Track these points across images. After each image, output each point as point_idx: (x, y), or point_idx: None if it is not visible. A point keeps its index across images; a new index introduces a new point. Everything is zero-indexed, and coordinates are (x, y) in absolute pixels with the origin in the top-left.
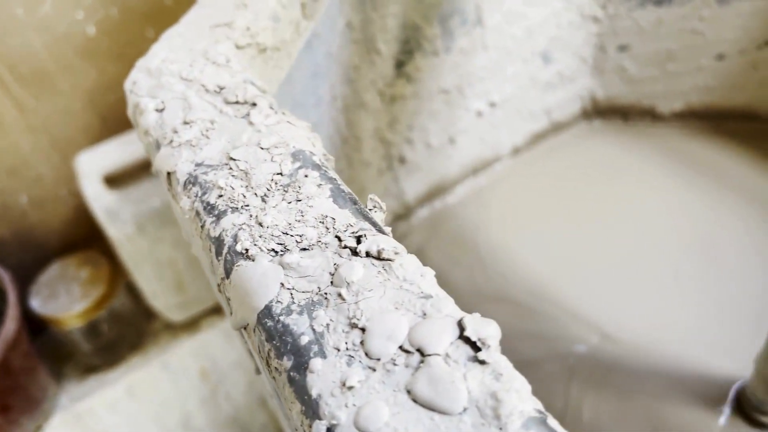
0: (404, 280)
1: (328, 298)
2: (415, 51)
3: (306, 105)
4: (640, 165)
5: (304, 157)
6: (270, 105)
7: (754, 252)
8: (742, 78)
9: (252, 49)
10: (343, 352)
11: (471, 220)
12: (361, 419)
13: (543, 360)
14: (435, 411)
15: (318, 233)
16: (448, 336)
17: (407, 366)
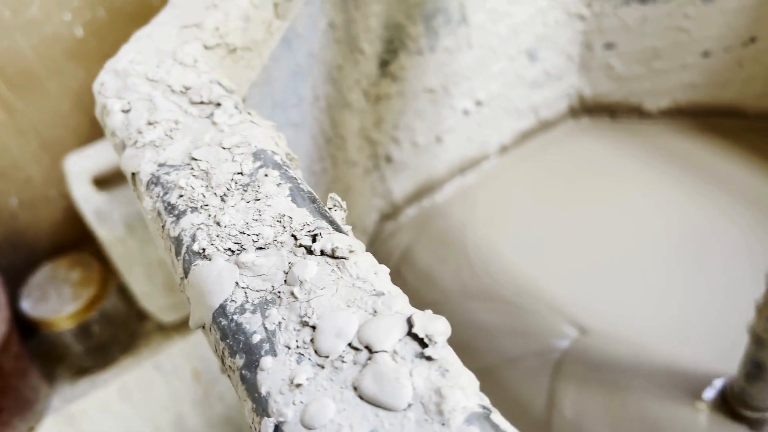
0: (357, 278)
1: (281, 296)
2: (399, 50)
3: (286, 105)
4: (628, 162)
5: (265, 157)
6: (235, 105)
7: (739, 247)
8: (728, 75)
9: (221, 50)
10: (293, 350)
11: (458, 219)
12: (308, 416)
13: (528, 356)
14: (380, 407)
15: (275, 232)
16: (397, 333)
17: (355, 363)
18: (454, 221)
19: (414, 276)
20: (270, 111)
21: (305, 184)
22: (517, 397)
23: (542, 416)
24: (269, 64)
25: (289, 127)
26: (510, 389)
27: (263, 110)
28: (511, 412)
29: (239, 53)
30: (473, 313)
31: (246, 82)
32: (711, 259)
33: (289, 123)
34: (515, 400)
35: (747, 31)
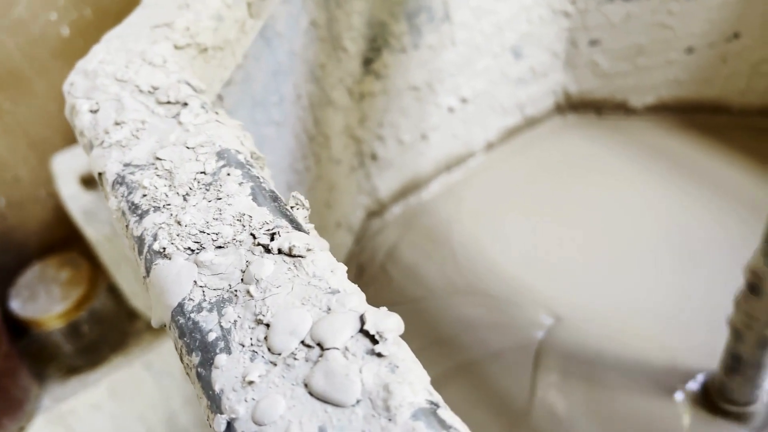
0: (313, 276)
1: (238, 295)
2: (382, 48)
3: (267, 103)
4: (614, 158)
5: (228, 156)
6: (202, 104)
7: (722, 242)
8: (712, 71)
9: (192, 49)
10: (247, 347)
11: (444, 216)
12: (258, 413)
13: (511, 349)
14: (329, 403)
15: (234, 231)
16: (349, 330)
17: (307, 360)
18: (439, 218)
19: (399, 273)
20: (250, 110)
21: (268, 182)
22: (500, 389)
23: (524, 408)
24: (249, 63)
25: (270, 126)
26: (493, 382)
27: (243, 109)
28: (494, 405)
29: (211, 53)
30: (458, 308)
31: (218, 82)
32: (693, 254)
33: (270, 121)
34: (498, 393)
35: (730, 27)
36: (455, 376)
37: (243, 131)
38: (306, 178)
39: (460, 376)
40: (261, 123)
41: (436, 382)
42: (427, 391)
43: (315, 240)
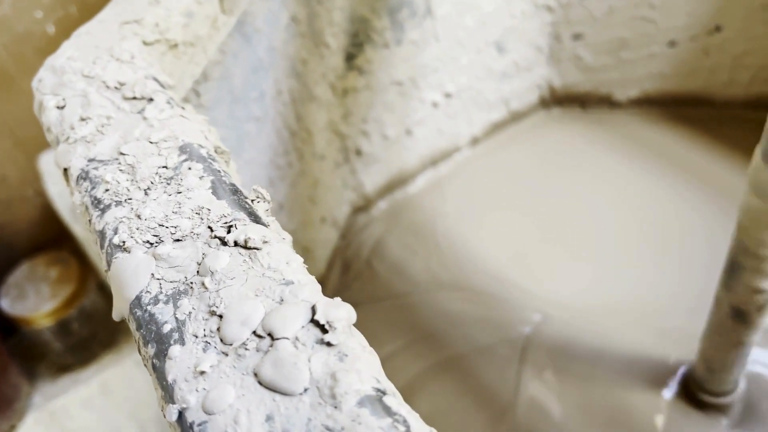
0: (268, 268)
1: (193, 287)
2: (365, 43)
3: (247, 99)
4: (599, 152)
5: (191, 150)
6: (168, 100)
7: (705, 236)
8: (694, 64)
9: (161, 45)
10: (200, 338)
11: (430, 211)
12: (209, 402)
13: (497, 344)
14: (278, 392)
15: (192, 224)
16: (300, 320)
17: (258, 350)
18: (425, 213)
19: (385, 268)
20: (229, 105)
21: (230, 176)
22: (485, 383)
23: (509, 402)
24: (227, 59)
25: (250, 122)
26: (479, 376)
27: (222, 105)
28: (480, 398)
29: (182, 49)
30: (443, 303)
31: (190, 77)
32: (678, 247)
33: (250, 117)
34: (484, 387)
35: (712, 20)
36: (441, 371)
37: (208, 126)
38: (288, 174)
39: (446, 371)
40: (241, 119)
41: (421, 377)
42: (375, 378)
43: (273, 233)
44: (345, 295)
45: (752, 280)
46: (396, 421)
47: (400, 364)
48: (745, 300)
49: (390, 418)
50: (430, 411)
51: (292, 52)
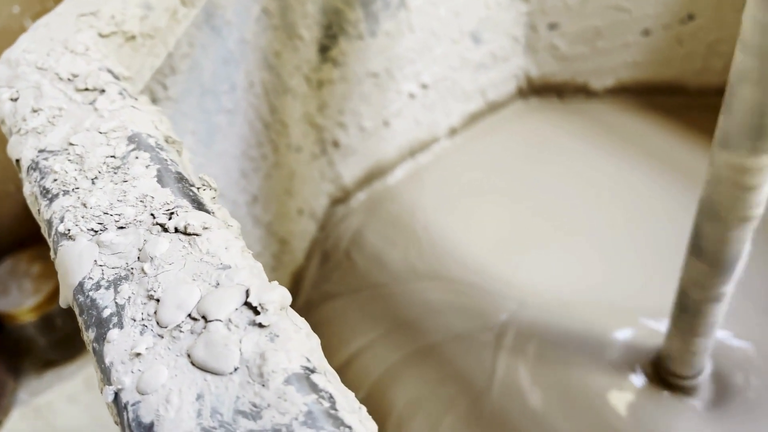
0: (206, 253)
1: (134, 272)
2: (338, 35)
3: (218, 91)
4: (576, 141)
5: (139, 140)
6: (120, 91)
7: (680, 224)
8: (669, 53)
9: (118, 37)
10: (138, 322)
11: (408, 202)
12: (142, 383)
13: (473, 332)
14: (209, 372)
15: (136, 212)
16: (234, 303)
17: (192, 332)
18: (404, 204)
19: (363, 259)
20: (199, 98)
21: (177, 165)
22: (462, 371)
23: (485, 388)
24: (196, 51)
25: (221, 114)
26: (456, 364)
27: (191, 97)
28: (457, 385)
29: (140, 41)
30: (421, 293)
31: (149, 69)
32: (653, 235)
33: (221, 109)
34: (461, 374)
35: (684, 9)
36: (419, 359)
37: (160, 116)
38: (263, 166)
39: (423, 359)
40: (211, 111)
41: (399, 365)
42: (306, 358)
43: (215, 219)
44: (324, 286)
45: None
46: (321, 397)
47: (378, 353)
48: (701, 286)
49: (315, 395)
50: (408, 398)
51: (264, 44)
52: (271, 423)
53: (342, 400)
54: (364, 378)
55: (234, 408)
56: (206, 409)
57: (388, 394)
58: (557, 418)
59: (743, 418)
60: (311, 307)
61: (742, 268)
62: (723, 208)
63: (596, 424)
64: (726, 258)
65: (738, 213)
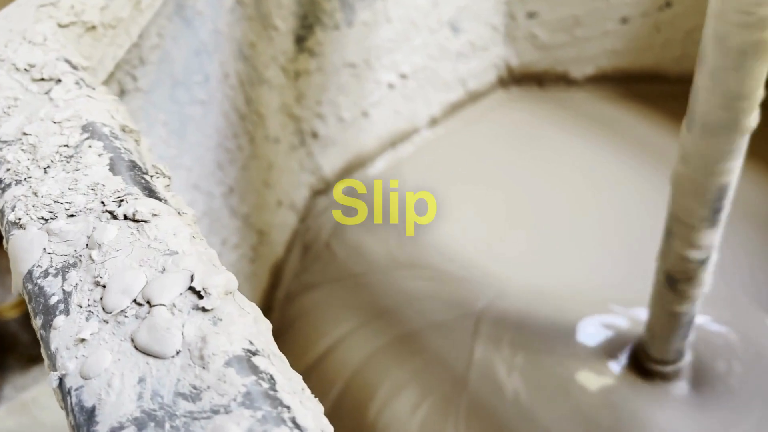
0: (154, 240)
1: (82, 259)
2: (314, 25)
3: (190, 83)
4: (557, 130)
5: (93, 129)
6: (76, 81)
7: (660, 212)
8: (647, 40)
9: (78, 27)
10: (84, 308)
11: (389, 192)
12: (86, 368)
13: (452, 320)
14: (151, 356)
15: (86, 200)
16: (178, 288)
17: (137, 317)
18: (384, 194)
19: (344, 249)
20: (170, 89)
21: (132, 153)
22: (440, 357)
23: (463, 375)
24: (166, 42)
25: (195, 105)
26: (434, 351)
27: (161, 88)
28: (435, 372)
29: (101, 31)
30: (400, 281)
31: (111, 59)
32: (634, 222)
33: (194, 101)
34: (439, 361)
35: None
36: (398, 346)
37: (117, 105)
38: (239, 157)
39: (402, 346)
40: (183, 102)
41: (378, 353)
42: (248, 341)
43: (165, 206)
44: (304, 277)
45: (682, 249)
46: (261, 379)
47: (359, 342)
48: (677, 269)
49: (255, 376)
50: (389, 385)
51: (238, 35)
52: (210, 404)
53: (283, 382)
54: (345, 366)
55: (174, 390)
56: (147, 392)
57: (369, 381)
58: (535, 405)
59: (726, 405)
60: (292, 298)
61: (716, 253)
62: (692, 192)
63: (574, 412)
64: (699, 242)
65: (708, 197)
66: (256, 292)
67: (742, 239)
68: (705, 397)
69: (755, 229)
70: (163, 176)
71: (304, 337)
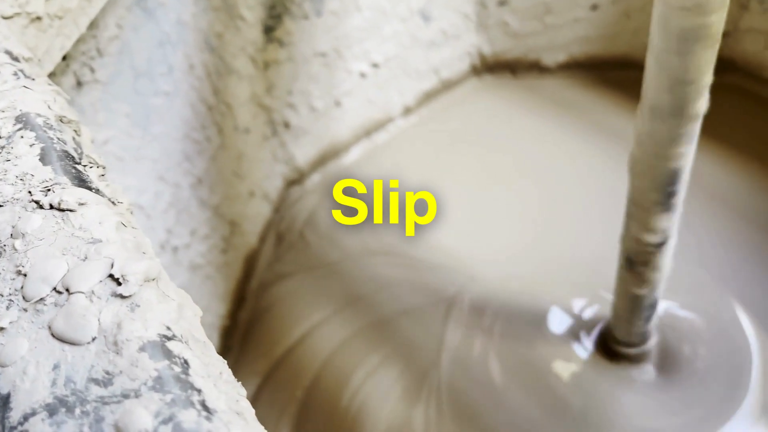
0: (79, 228)
1: (6, 249)
2: (283, 15)
3: (153, 74)
4: (530, 118)
5: (27, 120)
6: (14, 72)
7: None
8: (618, 27)
9: (22, 19)
10: (5, 297)
11: (363, 181)
12: (2, 356)
13: (423, 305)
14: (67, 343)
15: (14, 190)
16: (97, 275)
17: (56, 305)
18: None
19: (317, 238)
20: (133, 80)
21: (65, 144)
22: (411, 343)
23: (434, 360)
24: (126, 34)
25: (159, 96)
26: (406, 337)
27: (122, 80)
28: (407, 357)
29: (47, 21)
30: (372, 268)
31: (59, 50)
32: (606, 209)
33: (159, 92)
34: (410, 346)
35: None
36: (371, 332)
37: (55, 96)
38: (207, 148)
39: (374, 333)
40: (147, 94)
41: (350, 340)
42: (165, 326)
43: (93, 195)
44: (277, 267)
45: (638, 232)
46: (174, 363)
47: (332, 329)
48: (634, 252)
49: (168, 361)
50: (362, 371)
51: (204, 25)
52: (121, 389)
53: (198, 366)
54: (318, 353)
55: (87, 376)
56: (61, 378)
57: (343, 368)
58: (505, 388)
59: (691, 389)
60: (266, 288)
61: (675, 236)
62: (646, 176)
63: (543, 394)
64: (654, 226)
65: (660, 181)
66: (230, 282)
67: (708, 224)
68: (670, 380)
69: (721, 213)
70: (97, 166)
71: (278, 326)
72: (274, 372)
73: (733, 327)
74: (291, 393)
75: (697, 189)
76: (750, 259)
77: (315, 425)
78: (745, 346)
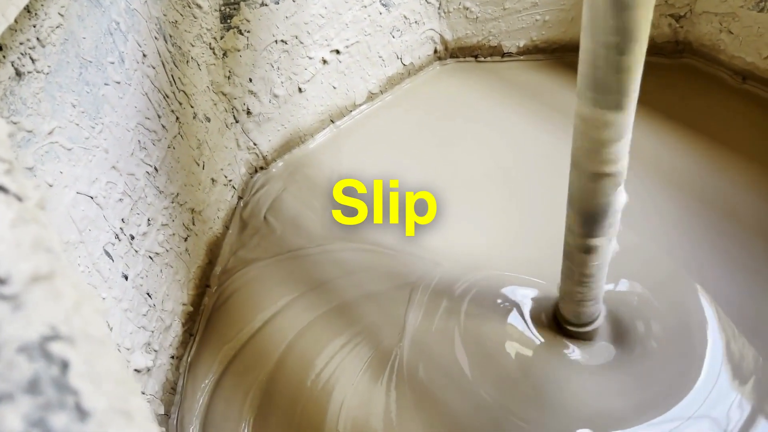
0: None
1: None
2: (240, 3)
3: (103, 63)
4: (493, 102)
5: None
6: None
7: None
8: (575, 11)
9: None
10: None
11: (327, 166)
12: None
13: (386, 290)
14: None
15: None
16: None
17: None
18: (322, 169)
19: (281, 224)
20: (79, 70)
21: None
22: (374, 327)
23: (395, 343)
24: (70, 23)
25: (110, 86)
26: (369, 321)
27: (68, 70)
28: (369, 341)
29: None
30: (336, 254)
31: None
32: (559, 190)
33: (109, 81)
34: (372, 330)
35: None
36: (334, 317)
37: None
38: (164, 137)
39: (337, 317)
40: (95, 83)
41: (314, 324)
42: (49, 326)
43: None
44: (242, 253)
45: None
46: (52, 363)
47: (296, 314)
48: (572, 242)
49: (45, 362)
50: (326, 356)
51: (157, 13)
52: None
53: (80, 367)
54: (282, 337)
55: None
56: None
57: (307, 353)
58: (463, 369)
59: (642, 364)
60: (230, 274)
61: (616, 225)
62: (581, 159)
63: (499, 375)
64: (589, 210)
65: (593, 167)
66: (192, 268)
67: (656, 199)
68: (623, 357)
69: (668, 190)
70: (2, 161)
71: (242, 311)
72: (238, 356)
73: (687, 302)
74: (255, 376)
75: (651, 167)
76: (703, 236)
77: (279, 408)
78: (701, 321)
